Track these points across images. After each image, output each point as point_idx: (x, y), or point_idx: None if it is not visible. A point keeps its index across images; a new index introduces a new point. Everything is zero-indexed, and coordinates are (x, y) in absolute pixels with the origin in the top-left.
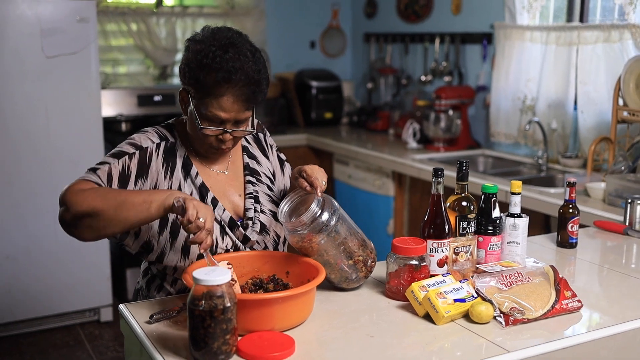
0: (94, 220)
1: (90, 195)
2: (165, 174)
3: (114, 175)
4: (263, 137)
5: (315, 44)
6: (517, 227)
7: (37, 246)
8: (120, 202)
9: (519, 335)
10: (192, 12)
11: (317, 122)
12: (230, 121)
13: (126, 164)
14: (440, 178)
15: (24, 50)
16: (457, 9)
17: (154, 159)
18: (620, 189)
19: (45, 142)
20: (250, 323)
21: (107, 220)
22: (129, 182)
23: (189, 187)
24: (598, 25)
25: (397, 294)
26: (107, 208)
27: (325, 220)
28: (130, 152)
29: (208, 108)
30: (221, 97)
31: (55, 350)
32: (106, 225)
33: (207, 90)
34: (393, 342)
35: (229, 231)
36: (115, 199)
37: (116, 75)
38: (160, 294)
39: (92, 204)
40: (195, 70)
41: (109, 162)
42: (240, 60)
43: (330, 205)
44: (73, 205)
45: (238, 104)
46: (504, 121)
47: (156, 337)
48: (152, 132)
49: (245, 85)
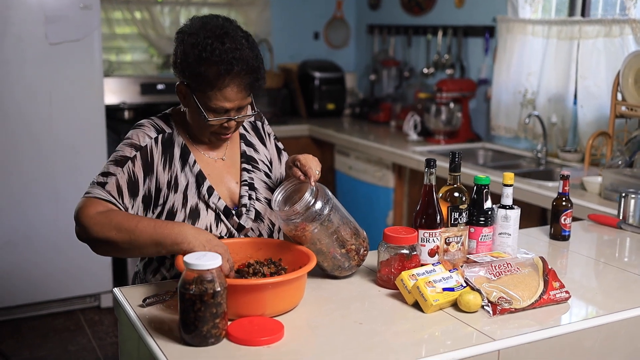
0: (109, 247)
1: (106, 225)
2: (164, 166)
3: (123, 186)
4: (261, 126)
5: (319, 35)
6: (508, 219)
7: (38, 232)
8: (132, 240)
9: (506, 324)
10: (197, 2)
11: (320, 113)
12: (234, 109)
13: (131, 171)
14: (432, 169)
15: (28, 37)
16: (460, 2)
17: (155, 154)
18: (617, 183)
19: (48, 129)
20: (241, 308)
21: (122, 251)
22: (138, 187)
23: (186, 177)
24: (599, 20)
25: (388, 283)
26: (122, 243)
27: (318, 209)
28: (131, 155)
29: (212, 100)
30: (225, 89)
31: (55, 334)
32: (121, 253)
33: (210, 83)
34: (381, 329)
35: (224, 219)
36: (129, 236)
37: (120, 63)
38: (155, 278)
39: (107, 235)
40: (195, 65)
41: (115, 174)
42: (238, 49)
43: (324, 195)
44: (90, 231)
45: (242, 93)
46: (504, 115)
47: (148, 321)
48: (149, 125)
49: (247, 74)
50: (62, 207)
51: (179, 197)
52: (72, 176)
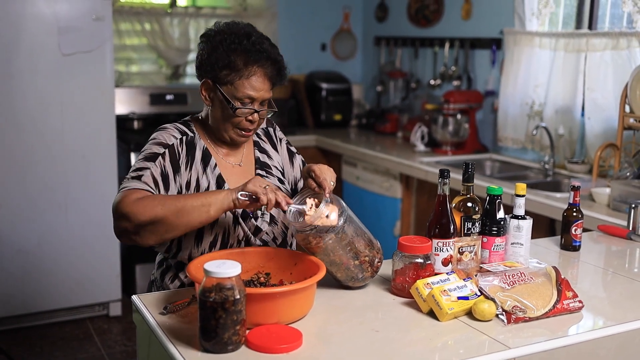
0: (156, 227)
1: (149, 203)
2: (186, 167)
3: (157, 178)
4: (273, 132)
5: (326, 46)
6: (521, 229)
7: (49, 241)
8: (180, 208)
9: (521, 333)
10: (205, 13)
11: (327, 124)
12: (258, 100)
13: (162, 165)
14: (446, 179)
15: (41, 48)
16: (467, 15)
17: (181, 152)
18: (625, 194)
19: (59, 139)
20: (255, 316)
21: (169, 225)
22: (169, 181)
23: (207, 179)
24: (606, 33)
25: (402, 291)
26: (169, 214)
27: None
28: (160, 152)
29: (240, 89)
30: (252, 77)
31: (64, 343)
32: (168, 230)
33: (239, 72)
34: (397, 337)
35: (241, 222)
36: (175, 205)
37: (129, 74)
38: (174, 284)
39: (153, 212)
40: (225, 55)
41: (148, 167)
42: (263, 43)
43: (339, 206)
44: (135, 214)
45: (267, 82)
46: (511, 126)
47: (168, 328)
48: (172, 128)
49: (271, 65)
50: (72, 216)
51: None
52: (83, 185)
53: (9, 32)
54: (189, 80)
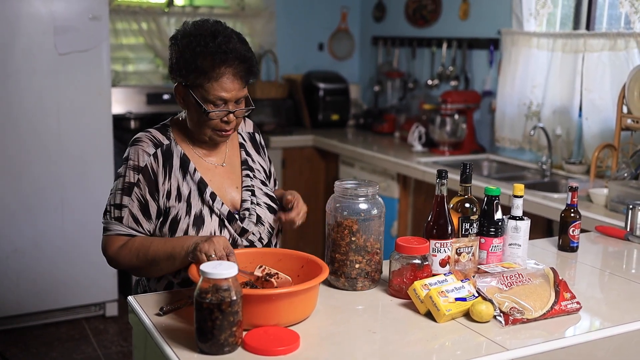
0: (137, 272)
1: (127, 255)
2: (164, 178)
3: (137, 214)
4: (259, 138)
5: (323, 46)
6: (518, 230)
7: (45, 241)
8: (150, 260)
9: (518, 334)
10: (203, 12)
11: (324, 124)
12: (231, 100)
13: (140, 196)
14: (444, 180)
15: (37, 47)
16: (464, 15)
17: (156, 169)
18: (623, 195)
19: (56, 139)
20: (255, 318)
21: (146, 272)
22: (149, 208)
23: (188, 186)
24: (604, 34)
25: (400, 292)
26: (143, 265)
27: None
28: (135, 180)
29: (210, 92)
30: (221, 78)
31: (60, 343)
32: (146, 274)
33: (207, 75)
34: (395, 338)
35: (227, 224)
36: (146, 257)
37: (126, 74)
38: (160, 284)
39: (130, 263)
40: (191, 59)
41: (127, 205)
42: (230, 42)
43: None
44: (117, 263)
45: (237, 82)
46: (509, 126)
47: (164, 329)
48: (146, 140)
49: (240, 63)
50: (69, 216)
51: (182, 205)
52: (80, 186)
53: (4, 32)
54: None
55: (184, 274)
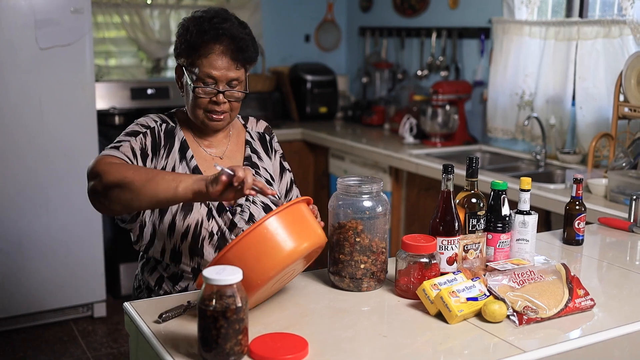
0: (123, 191)
1: (122, 167)
2: (163, 154)
3: (137, 151)
4: (269, 140)
5: (310, 37)
6: (526, 224)
7: (30, 241)
8: (150, 177)
9: (533, 334)
10: (187, 4)
11: (312, 117)
12: (222, 80)
13: (143, 142)
14: (450, 174)
15: (18, 42)
16: (454, 3)
17: (161, 136)
18: (623, 185)
19: (39, 135)
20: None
21: (135, 192)
22: (147, 159)
23: (183, 169)
24: (598, 21)
25: (407, 292)
26: (137, 180)
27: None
28: (142, 131)
29: (199, 68)
30: (210, 55)
31: (48, 346)
32: (133, 198)
33: (198, 51)
34: (406, 341)
35: (215, 215)
36: (146, 173)
37: (109, 68)
38: (152, 276)
39: (123, 174)
40: (186, 37)
41: (128, 140)
42: (226, 23)
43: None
44: (105, 173)
45: (226, 60)
46: (501, 116)
47: (164, 337)
48: (154, 116)
49: (231, 42)
50: (53, 214)
51: None
52: (64, 183)
53: None
54: (171, 73)
55: (174, 268)
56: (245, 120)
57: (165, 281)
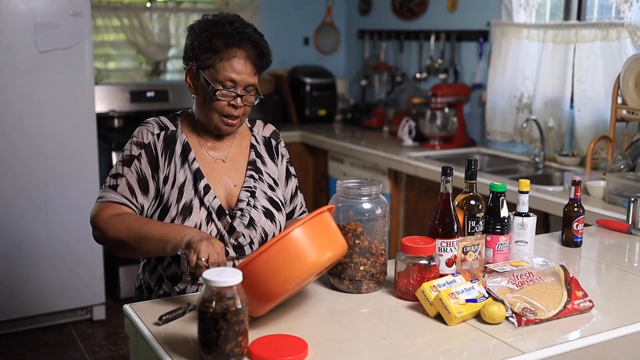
0: (122, 248)
1: (117, 225)
2: (164, 161)
3: (134, 185)
4: (275, 144)
5: (309, 40)
6: (525, 226)
7: (30, 244)
8: (141, 237)
9: (532, 335)
10: (186, 8)
11: (311, 119)
12: (240, 85)
13: (139, 169)
14: (449, 177)
15: (17, 45)
16: (452, 6)
17: (159, 149)
18: (621, 187)
19: (39, 138)
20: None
21: (131, 249)
22: (147, 183)
23: (184, 173)
24: (596, 24)
25: (407, 294)
26: (131, 240)
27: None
28: (136, 154)
29: (220, 72)
30: (233, 59)
31: (47, 349)
32: (131, 252)
33: (220, 54)
34: (406, 343)
35: (215, 219)
36: (137, 233)
37: (108, 71)
38: (152, 277)
39: (118, 235)
40: (206, 40)
41: (124, 175)
42: (248, 28)
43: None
44: (104, 232)
45: (248, 65)
46: (500, 119)
47: (164, 339)
48: (153, 123)
49: (253, 48)
50: (52, 217)
51: (174, 192)
52: (63, 186)
53: None
54: (170, 76)
55: (175, 268)
56: (252, 123)
57: (165, 281)
